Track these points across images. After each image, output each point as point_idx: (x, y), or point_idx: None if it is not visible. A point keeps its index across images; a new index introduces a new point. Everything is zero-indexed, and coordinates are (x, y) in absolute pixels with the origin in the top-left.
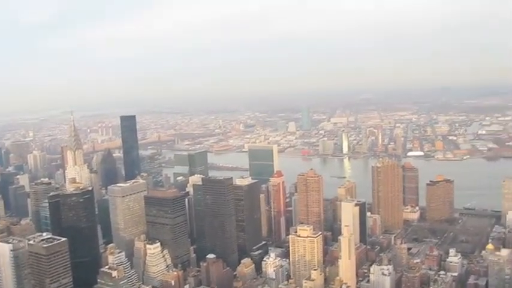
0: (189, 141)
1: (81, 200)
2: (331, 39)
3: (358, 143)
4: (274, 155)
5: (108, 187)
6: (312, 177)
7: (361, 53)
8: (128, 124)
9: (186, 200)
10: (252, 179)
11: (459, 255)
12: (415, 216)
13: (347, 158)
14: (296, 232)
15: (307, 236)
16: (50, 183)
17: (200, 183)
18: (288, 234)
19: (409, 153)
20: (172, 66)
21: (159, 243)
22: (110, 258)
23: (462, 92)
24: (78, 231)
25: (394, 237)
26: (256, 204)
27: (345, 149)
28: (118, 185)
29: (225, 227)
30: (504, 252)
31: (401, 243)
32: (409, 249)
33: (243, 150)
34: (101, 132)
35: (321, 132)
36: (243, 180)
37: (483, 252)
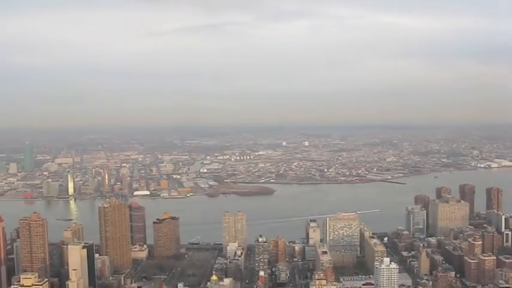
0: None
1: None
2: (61, 77)
3: (84, 184)
4: None
5: None
6: (35, 221)
7: (90, 92)
8: None
9: None
10: None
11: None
12: (144, 254)
13: (73, 199)
14: (19, 281)
15: (32, 285)
16: None
17: None
18: (10, 284)
19: (136, 193)
20: None
21: None
22: None
23: (184, 132)
24: None
25: (124, 277)
26: None
27: (71, 190)
28: None
29: None
30: (227, 281)
31: (131, 282)
32: (139, 287)
33: None
34: None
35: (45, 173)
36: None
37: (208, 283)
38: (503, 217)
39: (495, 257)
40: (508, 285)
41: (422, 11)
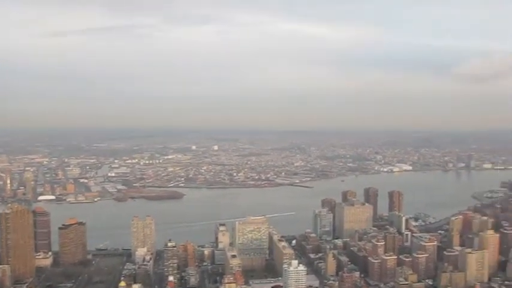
0: None
1: None
2: None
3: None
4: None
5: None
6: None
7: None
8: None
9: None
10: None
11: None
12: (48, 262)
13: None
14: None
15: None
16: None
17: None
18: None
19: (41, 198)
20: None
21: None
22: None
23: (92, 135)
24: None
25: (27, 286)
26: None
27: None
28: None
29: None
30: (135, 287)
31: None
32: None
33: None
34: None
35: None
36: None
37: None
38: (403, 218)
39: (396, 257)
40: (407, 282)
41: (330, 21)
